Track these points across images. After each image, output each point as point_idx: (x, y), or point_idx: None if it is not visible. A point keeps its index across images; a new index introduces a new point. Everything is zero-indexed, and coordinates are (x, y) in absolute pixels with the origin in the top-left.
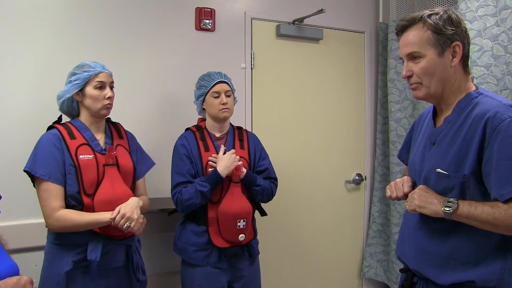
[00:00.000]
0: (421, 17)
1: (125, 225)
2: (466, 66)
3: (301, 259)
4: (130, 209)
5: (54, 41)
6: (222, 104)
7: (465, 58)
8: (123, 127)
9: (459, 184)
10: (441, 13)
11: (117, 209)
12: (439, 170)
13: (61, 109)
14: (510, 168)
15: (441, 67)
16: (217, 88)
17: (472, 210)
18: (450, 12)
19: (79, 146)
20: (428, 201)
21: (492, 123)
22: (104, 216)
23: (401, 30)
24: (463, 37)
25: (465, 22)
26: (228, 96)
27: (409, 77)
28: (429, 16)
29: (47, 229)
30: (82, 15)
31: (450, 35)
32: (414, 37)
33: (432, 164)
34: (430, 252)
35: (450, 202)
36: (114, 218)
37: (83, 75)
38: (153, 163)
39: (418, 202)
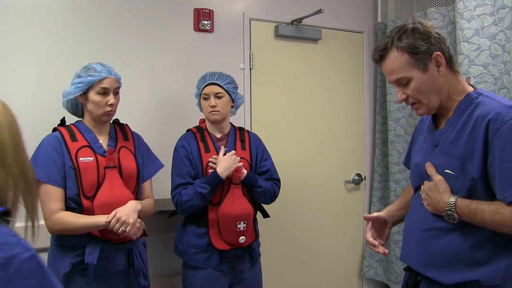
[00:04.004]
0: (392, 41)
1: (120, 229)
2: (452, 67)
3: (301, 259)
4: (126, 213)
5: (54, 43)
6: (211, 106)
7: (449, 60)
8: (130, 129)
9: (467, 186)
10: (409, 28)
11: (113, 212)
12: (447, 171)
13: (66, 107)
14: None
15: (431, 81)
16: (206, 90)
17: (472, 218)
18: (416, 24)
19: (79, 148)
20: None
21: (494, 126)
22: (100, 219)
23: (379, 59)
24: (439, 43)
25: (463, 21)
26: (219, 98)
27: (406, 99)
28: (399, 38)
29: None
30: (82, 17)
31: (426, 49)
32: (394, 65)
33: (435, 166)
34: (435, 253)
35: (450, 211)
36: (110, 222)
37: (87, 79)
38: (162, 165)
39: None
